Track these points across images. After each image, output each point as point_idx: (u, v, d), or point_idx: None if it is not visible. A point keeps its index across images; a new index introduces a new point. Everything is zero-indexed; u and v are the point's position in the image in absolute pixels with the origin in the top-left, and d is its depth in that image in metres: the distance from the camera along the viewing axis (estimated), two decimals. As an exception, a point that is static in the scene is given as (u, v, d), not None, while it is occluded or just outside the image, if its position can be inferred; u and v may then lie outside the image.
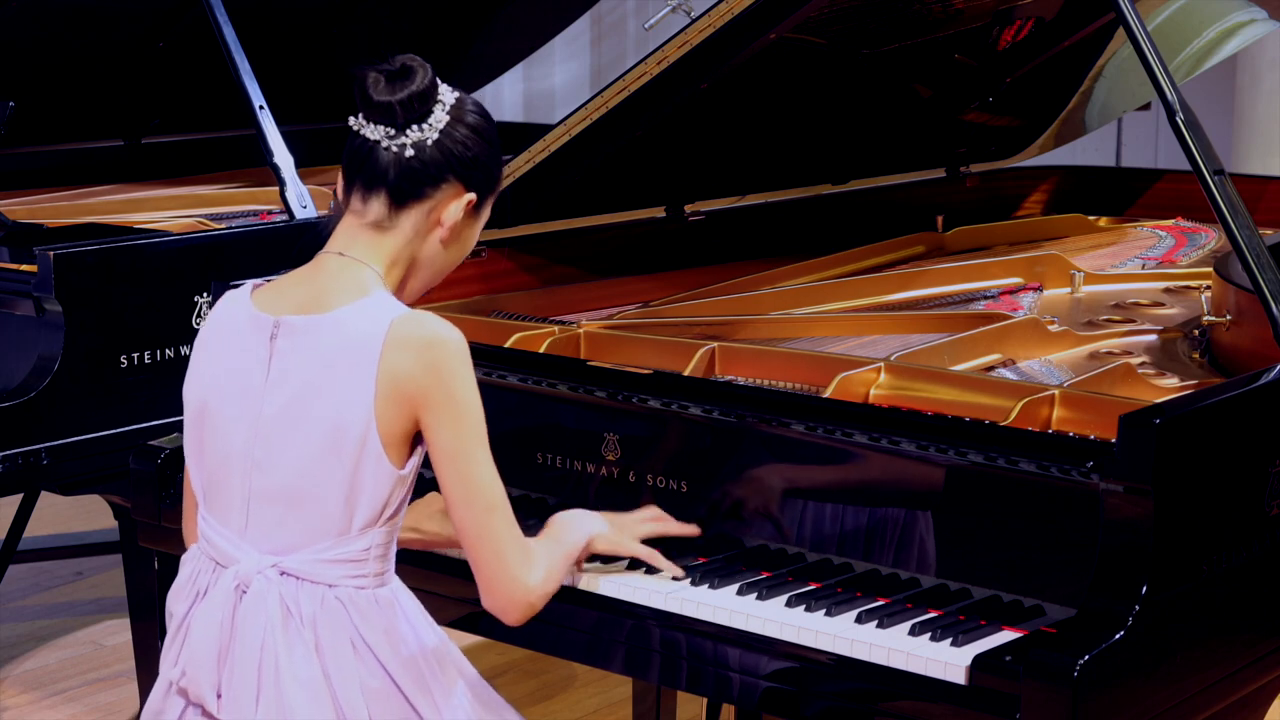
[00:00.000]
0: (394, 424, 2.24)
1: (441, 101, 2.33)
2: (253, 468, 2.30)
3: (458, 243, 2.40)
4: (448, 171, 2.33)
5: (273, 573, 2.28)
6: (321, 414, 2.25)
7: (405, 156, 2.31)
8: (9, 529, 4.72)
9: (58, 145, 4.91)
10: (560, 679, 4.47)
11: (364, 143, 2.33)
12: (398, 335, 2.24)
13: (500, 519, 2.28)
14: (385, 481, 2.26)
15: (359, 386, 2.23)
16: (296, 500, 2.28)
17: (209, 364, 2.37)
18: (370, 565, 2.30)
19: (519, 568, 2.28)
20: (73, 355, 3.69)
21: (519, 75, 8.08)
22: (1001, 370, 2.90)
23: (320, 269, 2.35)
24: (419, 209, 2.34)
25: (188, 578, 2.38)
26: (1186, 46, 4.09)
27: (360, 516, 2.27)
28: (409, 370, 2.23)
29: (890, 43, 3.59)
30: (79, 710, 4.37)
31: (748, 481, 2.59)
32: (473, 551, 2.29)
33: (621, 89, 3.11)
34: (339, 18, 5.06)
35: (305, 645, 2.27)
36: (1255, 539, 2.40)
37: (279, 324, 2.30)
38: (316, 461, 2.26)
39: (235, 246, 4.07)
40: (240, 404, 2.31)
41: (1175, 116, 2.72)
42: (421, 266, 2.38)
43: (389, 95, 2.30)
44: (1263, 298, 2.62)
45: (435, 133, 2.31)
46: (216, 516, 2.35)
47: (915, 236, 3.91)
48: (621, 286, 3.41)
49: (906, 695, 2.27)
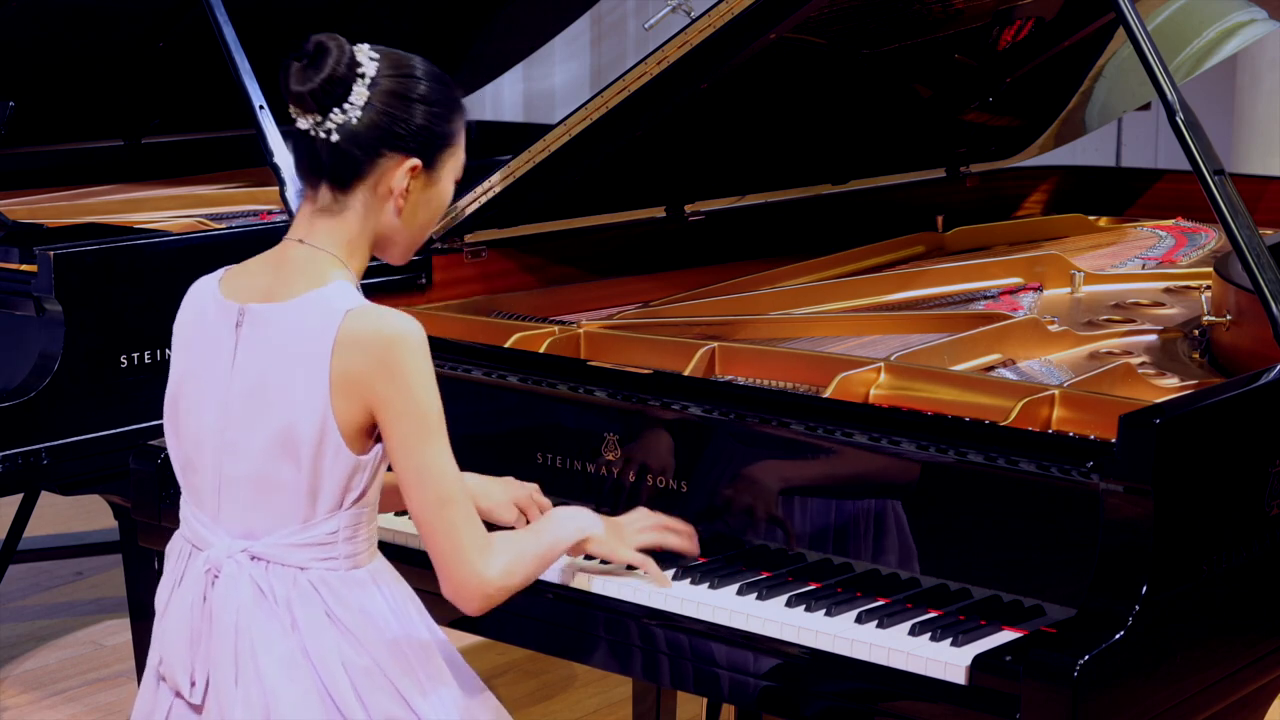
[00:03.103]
0: (351, 416, 2.25)
1: (362, 76, 2.29)
2: (223, 451, 2.32)
3: (423, 205, 2.37)
4: (380, 145, 2.30)
5: (243, 558, 2.30)
6: (279, 405, 2.27)
7: (333, 141, 2.29)
8: (9, 529, 4.72)
9: (58, 145, 4.91)
10: (560, 679, 4.47)
11: (299, 133, 2.33)
12: (349, 331, 2.24)
13: (456, 511, 2.27)
14: (344, 468, 2.27)
15: (313, 381, 2.24)
16: (261, 486, 2.29)
17: (183, 345, 2.40)
18: (339, 548, 2.30)
19: (475, 559, 2.27)
20: (73, 355, 3.69)
21: (519, 75, 8.08)
22: (1001, 370, 2.90)
23: (284, 256, 2.35)
24: (363, 186, 2.32)
25: (172, 564, 2.41)
26: (1186, 46, 4.09)
27: (324, 503, 2.28)
28: (359, 366, 2.23)
29: (890, 43, 3.59)
30: (79, 710, 4.37)
31: (748, 481, 2.59)
32: (429, 542, 2.29)
33: (621, 89, 3.11)
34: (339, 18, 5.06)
35: (281, 624, 2.28)
36: (1255, 539, 2.40)
37: (244, 311, 2.32)
38: (276, 450, 2.27)
39: (235, 246, 4.06)
40: (210, 389, 2.34)
41: (1175, 116, 2.72)
42: (393, 236, 2.37)
43: (302, 85, 2.29)
44: (1263, 298, 2.62)
45: (358, 110, 2.29)
46: (192, 499, 2.38)
47: (915, 236, 3.91)
48: (621, 286, 3.41)
49: (906, 695, 2.27)
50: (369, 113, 2.29)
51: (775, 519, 2.56)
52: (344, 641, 2.29)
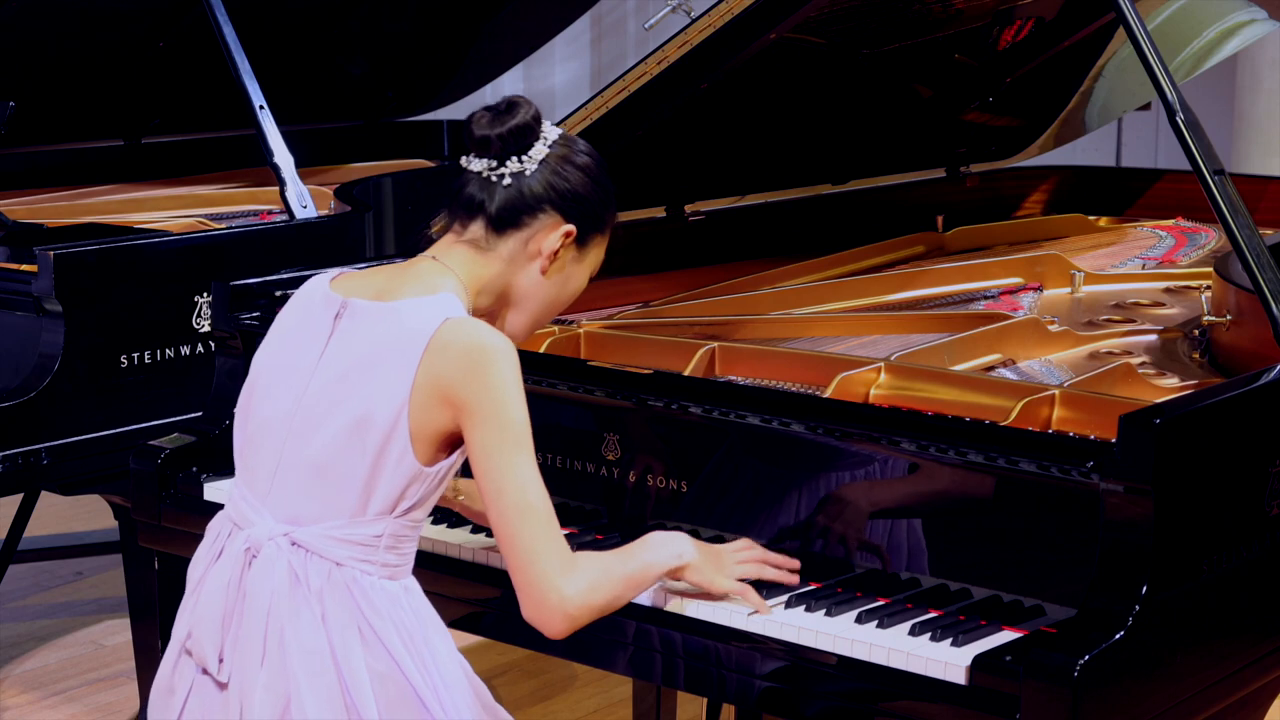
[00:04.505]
0: (429, 421, 2.27)
1: (544, 137, 2.40)
2: (289, 436, 2.34)
3: (561, 276, 2.45)
4: (545, 202, 2.40)
5: (284, 541, 2.31)
6: (358, 395, 2.29)
7: (504, 185, 2.38)
8: (9, 529, 4.72)
9: (58, 145, 4.91)
10: (560, 679, 4.47)
11: (469, 175, 2.41)
12: (445, 335, 2.27)
13: (536, 523, 2.25)
14: (406, 473, 2.28)
15: (397, 379, 2.27)
16: (320, 473, 2.31)
17: (278, 335, 2.44)
18: (380, 554, 2.31)
19: (554, 575, 2.24)
20: (73, 355, 3.69)
21: (519, 75, 8.08)
22: (1001, 370, 2.90)
23: (409, 266, 2.42)
24: (517, 236, 2.40)
25: (210, 541, 2.42)
26: (1186, 46, 4.09)
27: (376, 502, 2.29)
28: (450, 371, 2.25)
29: (890, 43, 3.59)
30: (79, 710, 4.37)
31: (748, 481, 2.59)
32: (507, 554, 2.27)
33: (621, 89, 3.11)
34: (339, 18, 5.06)
35: (312, 614, 2.29)
36: (1255, 539, 2.40)
37: (346, 304, 2.37)
38: (343, 440, 2.29)
39: (235, 246, 4.07)
40: (293, 376, 2.37)
41: (1175, 116, 2.72)
42: (524, 298, 2.44)
43: (489, 129, 2.38)
44: (1263, 298, 2.62)
45: (534, 164, 2.39)
46: (244, 480, 2.40)
47: (915, 236, 3.91)
48: (621, 286, 3.41)
49: (906, 695, 2.27)
50: (544, 170, 2.40)
51: (775, 519, 2.56)
52: (369, 646, 2.29)
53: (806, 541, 2.53)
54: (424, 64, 5.49)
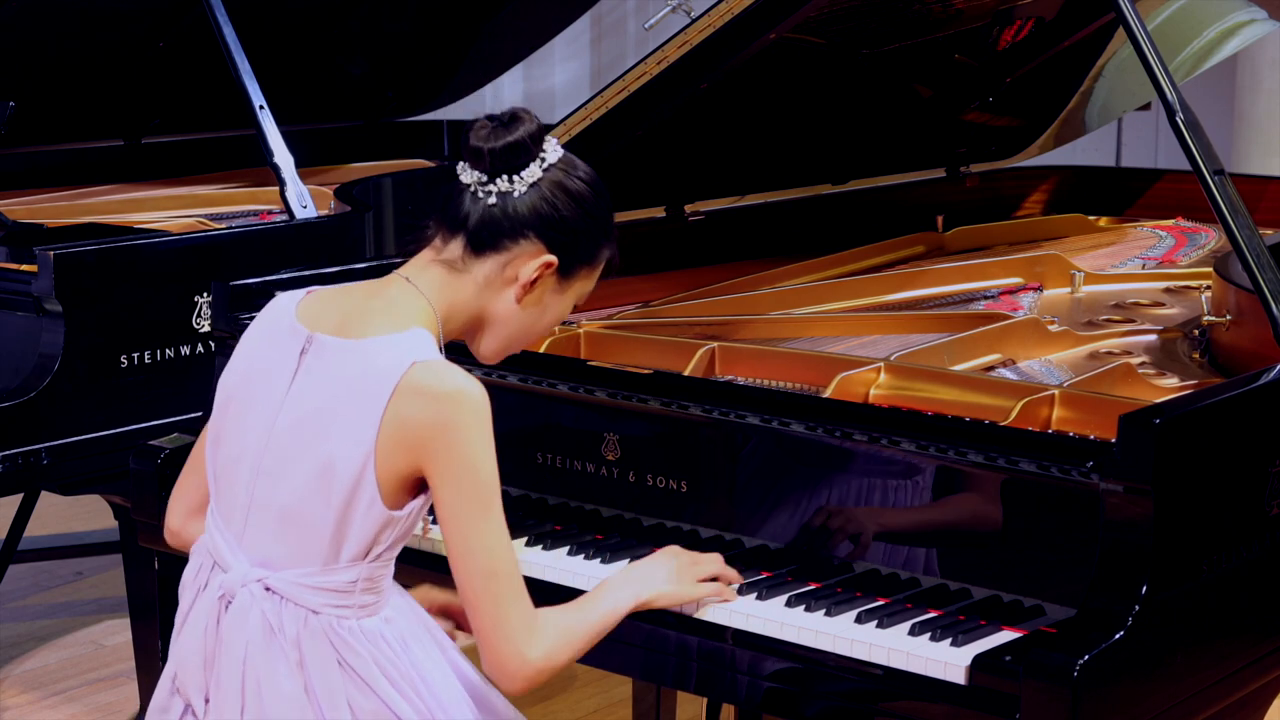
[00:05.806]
0: (394, 468, 2.21)
1: (541, 158, 2.29)
2: (259, 474, 2.28)
3: (538, 307, 2.36)
4: (527, 227, 2.29)
5: (257, 588, 2.26)
6: (325, 441, 2.22)
7: (489, 204, 2.29)
8: (9, 529, 4.73)
9: (58, 145, 4.91)
10: (560, 679, 4.47)
11: (458, 185, 2.31)
12: (413, 380, 2.19)
13: (500, 588, 2.20)
14: (375, 521, 2.22)
15: (363, 424, 2.20)
16: (289, 520, 2.25)
17: (244, 359, 2.36)
18: (355, 598, 2.25)
19: (518, 639, 2.21)
20: (73, 355, 3.69)
21: (519, 75, 8.08)
22: (1001, 370, 2.90)
23: (381, 290, 2.33)
24: (494, 260, 2.30)
25: (195, 570, 2.37)
26: (1186, 46, 4.09)
27: (348, 550, 2.24)
28: (417, 418, 2.18)
29: (890, 43, 3.59)
30: (79, 710, 4.37)
31: (747, 481, 2.59)
32: (472, 614, 2.23)
33: (621, 89, 3.11)
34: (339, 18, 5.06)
35: (288, 662, 2.24)
36: (1255, 539, 2.40)
37: (311, 340, 2.28)
38: (312, 488, 2.23)
39: (235, 246, 4.07)
40: (260, 410, 2.29)
41: (1175, 116, 2.72)
42: (497, 323, 2.35)
43: (484, 141, 2.28)
44: (1263, 298, 2.62)
45: (525, 185, 2.28)
46: (222, 514, 2.34)
47: (915, 236, 3.91)
48: (621, 286, 3.41)
49: (906, 695, 2.27)
50: (533, 193, 2.29)
51: (774, 519, 2.56)
52: (352, 686, 2.25)
53: (806, 541, 2.53)
54: (424, 64, 5.50)
